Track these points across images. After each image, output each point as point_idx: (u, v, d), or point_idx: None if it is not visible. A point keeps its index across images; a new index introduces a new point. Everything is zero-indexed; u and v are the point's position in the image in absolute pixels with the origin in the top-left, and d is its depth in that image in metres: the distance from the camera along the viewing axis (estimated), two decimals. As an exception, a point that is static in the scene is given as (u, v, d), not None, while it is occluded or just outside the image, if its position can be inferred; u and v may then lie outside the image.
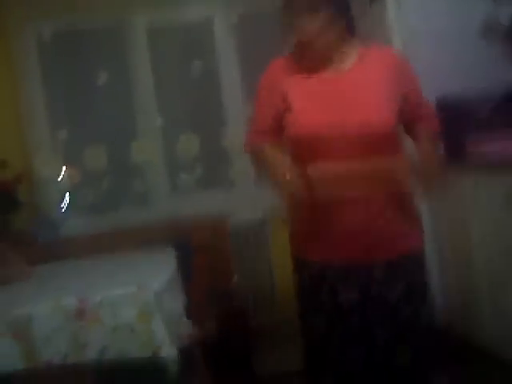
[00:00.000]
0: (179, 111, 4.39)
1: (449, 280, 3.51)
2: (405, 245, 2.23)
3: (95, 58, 4.28)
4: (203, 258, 3.39)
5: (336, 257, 2.21)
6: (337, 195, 2.16)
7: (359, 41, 2.29)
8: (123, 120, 4.33)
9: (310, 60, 2.24)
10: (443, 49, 3.55)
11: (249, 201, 4.12)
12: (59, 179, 4.19)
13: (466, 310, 3.35)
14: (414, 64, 3.34)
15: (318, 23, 2.15)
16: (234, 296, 3.83)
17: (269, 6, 4.07)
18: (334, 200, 2.17)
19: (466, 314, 3.35)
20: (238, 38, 4.36)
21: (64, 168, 4.20)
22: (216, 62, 4.37)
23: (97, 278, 2.54)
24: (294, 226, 2.35)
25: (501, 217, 2.88)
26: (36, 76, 4.20)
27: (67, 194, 4.19)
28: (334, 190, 2.16)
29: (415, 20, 3.59)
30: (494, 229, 2.96)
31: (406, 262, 2.22)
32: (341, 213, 2.17)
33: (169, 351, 2.23)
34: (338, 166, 2.15)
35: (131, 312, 2.21)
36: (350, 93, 2.18)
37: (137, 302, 2.20)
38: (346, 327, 2.23)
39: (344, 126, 2.13)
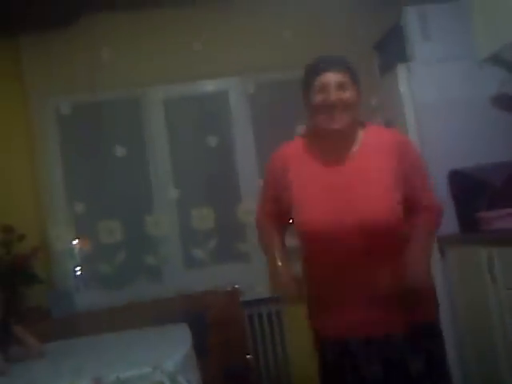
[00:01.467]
0: (194, 184, 4.42)
1: (467, 353, 3.45)
2: (417, 316, 2.21)
3: (113, 131, 4.35)
4: (218, 333, 3.36)
5: (352, 333, 2.22)
6: (346, 279, 2.20)
7: (361, 123, 2.33)
8: (139, 193, 4.37)
9: (323, 135, 2.26)
10: (455, 120, 3.58)
11: (264, 275, 4.08)
12: (74, 253, 4.21)
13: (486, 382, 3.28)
14: (425, 136, 3.43)
15: (349, 93, 2.20)
16: (249, 373, 3.78)
17: (284, 75, 4.22)
18: (344, 281, 2.20)
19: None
20: (254, 109, 4.43)
21: (79, 241, 4.23)
22: (231, 135, 4.43)
23: (111, 357, 2.51)
24: (309, 303, 2.36)
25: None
26: (54, 149, 4.29)
27: (82, 268, 4.20)
28: (343, 274, 2.20)
29: (426, 92, 3.63)
30: (511, 300, 2.93)
31: (420, 334, 2.21)
32: (352, 292, 2.20)
33: (184, 433, 2.20)
34: (345, 254, 2.18)
35: (146, 393, 2.18)
36: (355, 182, 2.20)
37: (152, 383, 2.18)
38: None
39: (348, 218, 2.15)
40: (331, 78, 2.19)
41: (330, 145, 2.27)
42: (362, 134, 2.28)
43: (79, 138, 4.37)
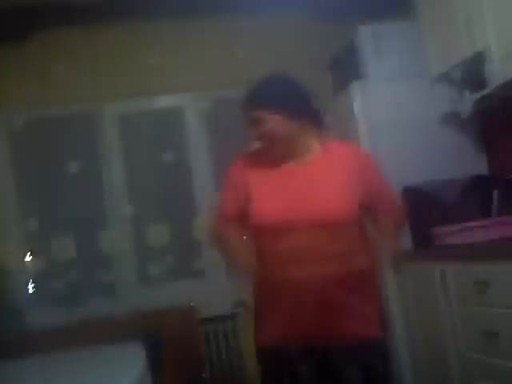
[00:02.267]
0: (150, 200, 4.40)
1: (421, 370, 3.48)
2: (363, 332, 2.24)
3: (67, 147, 4.31)
4: (174, 349, 3.33)
5: (295, 341, 2.24)
6: (296, 281, 2.21)
7: (324, 135, 2.37)
8: (93, 209, 4.31)
9: (271, 154, 2.32)
10: (408, 138, 3.63)
11: (219, 291, 4.07)
12: (26, 270, 4.13)
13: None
14: (379, 153, 3.46)
15: (268, 126, 2.24)
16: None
17: (239, 92, 4.21)
18: (294, 286, 2.21)
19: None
20: (209, 125, 4.44)
21: (32, 258, 4.16)
22: (187, 151, 4.42)
23: (63, 379, 2.46)
24: (258, 317, 2.37)
25: (470, 304, 2.90)
26: (6, 164, 4.21)
27: (34, 285, 4.13)
28: (294, 276, 2.21)
29: (380, 110, 3.68)
30: (464, 316, 2.97)
31: (363, 349, 2.23)
32: (300, 299, 2.21)
33: None
34: (298, 255, 2.21)
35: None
36: (311, 183, 2.26)
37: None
38: None
39: (303, 216, 2.20)
40: (248, 115, 2.27)
41: (276, 159, 2.32)
42: (318, 146, 2.33)
43: (32, 154, 4.30)
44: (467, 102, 3.42)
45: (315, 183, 2.26)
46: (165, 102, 4.47)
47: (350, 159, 2.33)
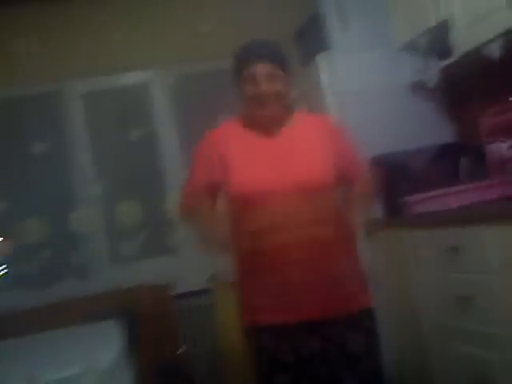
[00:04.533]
0: (119, 178, 4.36)
1: (396, 335, 3.53)
2: (357, 300, 2.28)
3: (32, 128, 4.25)
4: (149, 327, 3.34)
5: (293, 317, 2.22)
6: (280, 252, 2.20)
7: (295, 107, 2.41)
8: (62, 190, 4.27)
9: (257, 121, 2.31)
10: (377, 108, 3.63)
11: (193, 267, 4.07)
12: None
13: (416, 364, 3.37)
14: (347, 125, 3.47)
15: (282, 83, 2.24)
16: (182, 367, 3.76)
17: (205, 66, 4.20)
18: (282, 261, 2.21)
19: (417, 369, 3.37)
20: (176, 101, 4.41)
21: (2, 242, 4.11)
22: (154, 127, 4.39)
23: (42, 359, 2.45)
24: (245, 294, 2.34)
25: (441, 270, 2.94)
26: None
27: (5, 269, 4.09)
28: (276, 247, 2.21)
29: (347, 80, 3.67)
30: (437, 282, 3.01)
31: (360, 316, 2.27)
32: (290, 275, 2.20)
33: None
34: (278, 223, 2.21)
35: (79, 394, 2.14)
36: (287, 153, 2.28)
37: (84, 383, 2.14)
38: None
39: (282, 184, 2.21)
40: (261, 69, 2.21)
41: (264, 125, 2.31)
42: (293, 117, 2.35)
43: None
44: (433, 70, 3.45)
45: (291, 153, 2.27)
46: (129, 78, 4.42)
47: (322, 129, 2.37)
